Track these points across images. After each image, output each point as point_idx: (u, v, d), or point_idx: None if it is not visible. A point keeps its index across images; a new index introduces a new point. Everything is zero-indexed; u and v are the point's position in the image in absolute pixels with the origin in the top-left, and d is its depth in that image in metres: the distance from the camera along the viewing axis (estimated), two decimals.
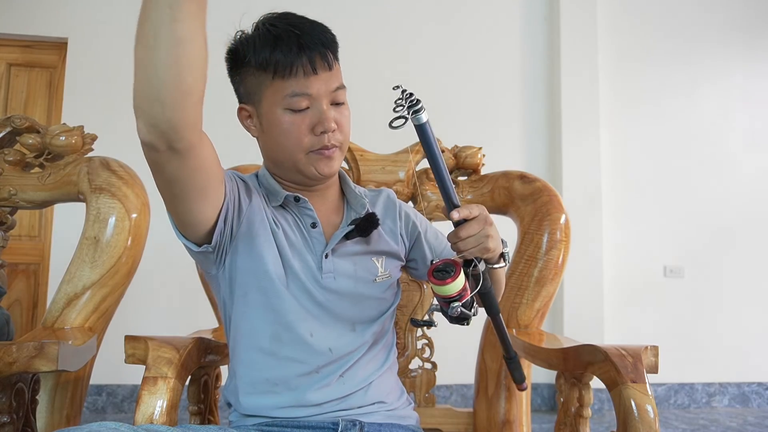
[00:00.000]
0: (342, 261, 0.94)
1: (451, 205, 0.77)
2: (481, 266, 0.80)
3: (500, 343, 0.95)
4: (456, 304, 0.75)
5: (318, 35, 0.87)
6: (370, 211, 0.97)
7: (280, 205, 0.94)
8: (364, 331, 0.94)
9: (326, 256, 0.92)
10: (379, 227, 0.97)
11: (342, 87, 0.90)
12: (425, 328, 1.30)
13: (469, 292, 0.77)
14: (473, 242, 0.77)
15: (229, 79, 0.95)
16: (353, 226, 0.93)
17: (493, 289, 0.88)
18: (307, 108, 0.87)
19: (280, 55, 0.85)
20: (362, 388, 0.92)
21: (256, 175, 0.98)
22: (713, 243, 3.54)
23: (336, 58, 0.90)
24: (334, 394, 0.90)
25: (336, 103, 0.90)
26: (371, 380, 0.94)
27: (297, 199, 0.93)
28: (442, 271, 0.75)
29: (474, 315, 0.78)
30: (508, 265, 0.87)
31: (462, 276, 0.75)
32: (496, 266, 0.86)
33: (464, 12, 3.50)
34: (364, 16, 3.34)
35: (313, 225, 0.93)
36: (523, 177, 1.26)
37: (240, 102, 0.94)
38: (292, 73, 0.85)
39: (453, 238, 0.78)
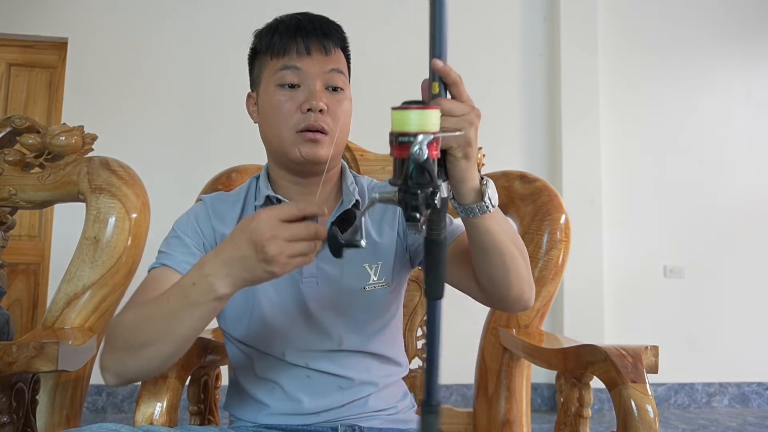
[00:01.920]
0: (328, 266, 0.89)
1: (438, 55, 0.57)
2: (444, 189, 0.59)
3: (424, 376, 0.62)
4: (421, 137, 0.52)
5: (319, 23, 0.88)
6: (361, 206, 0.92)
7: (263, 206, 0.90)
8: (355, 345, 0.90)
9: None
10: (369, 232, 0.90)
11: (339, 72, 0.88)
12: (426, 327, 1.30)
13: (437, 146, 0.55)
14: (454, 123, 0.60)
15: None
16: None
17: (487, 254, 0.74)
18: (299, 86, 0.86)
19: (277, 37, 0.87)
20: (362, 397, 0.90)
21: (257, 178, 0.97)
22: (713, 243, 3.54)
23: (339, 48, 0.90)
24: (332, 403, 0.89)
25: (332, 89, 0.88)
26: (370, 392, 0.91)
27: (278, 201, 0.90)
28: (416, 102, 0.56)
29: (446, 190, 0.58)
30: (491, 208, 0.70)
31: (438, 114, 0.55)
32: (474, 207, 0.69)
33: (464, 11, 3.50)
34: (363, 16, 3.34)
35: None
36: (523, 177, 1.26)
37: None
38: (286, 52, 0.86)
39: None
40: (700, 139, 3.60)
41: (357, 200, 0.91)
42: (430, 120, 0.54)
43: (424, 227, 0.56)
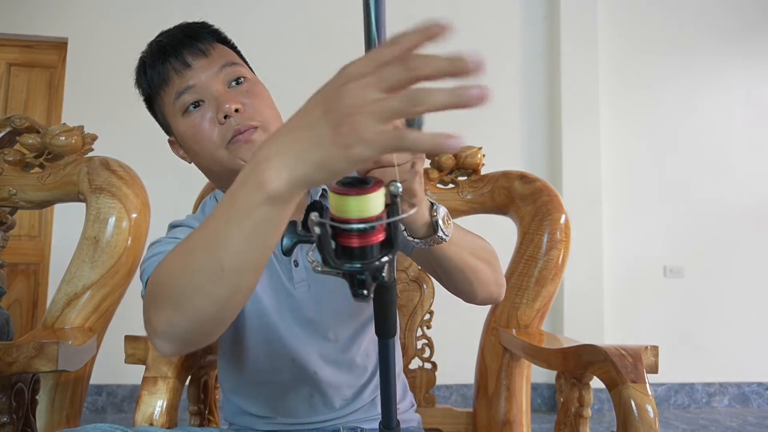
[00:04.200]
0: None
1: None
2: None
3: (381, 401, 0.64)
4: (362, 226, 0.47)
5: (180, 32, 0.82)
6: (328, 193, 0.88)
7: None
8: (352, 344, 0.89)
9: (296, 264, 0.84)
10: None
11: (231, 64, 0.81)
12: (426, 327, 1.30)
13: (383, 227, 0.48)
14: (396, 174, 0.55)
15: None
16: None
17: (448, 274, 0.72)
18: (203, 101, 0.79)
19: (150, 71, 0.81)
20: (367, 404, 0.91)
21: (216, 198, 0.90)
22: (713, 243, 3.54)
23: (215, 41, 0.83)
24: (336, 413, 0.89)
25: (236, 83, 0.80)
26: (375, 396, 0.92)
27: None
28: (357, 181, 0.48)
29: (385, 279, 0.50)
30: (447, 239, 0.65)
31: (382, 195, 0.48)
32: (428, 241, 0.64)
33: (464, 11, 3.50)
34: (354, 13, 3.34)
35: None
36: (523, 177, 1.26)
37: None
38: (167, 80, 0.80)
39: None
40: (700, 139, 3.60)
41: (324, 189, 0.86)
42: (373, 204, 0.47)
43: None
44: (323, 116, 0.43)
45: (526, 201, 1.24)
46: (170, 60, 0.79)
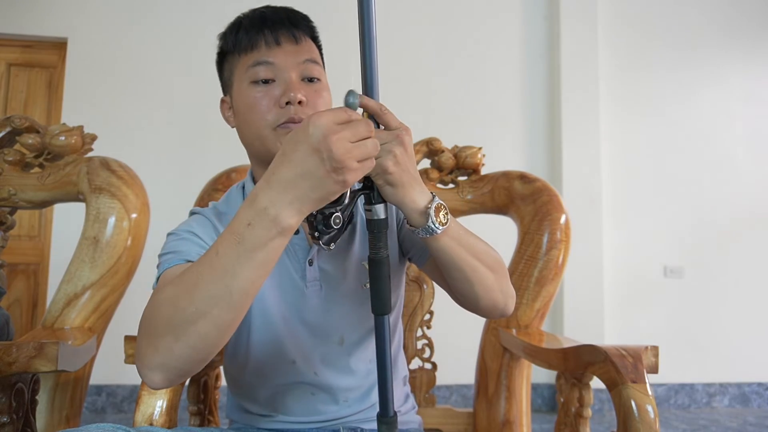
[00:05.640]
0: (330, 267, 0.86)
1: (369, 88, 0.64)
2: (382, 211, 0.67)
3: (378, 386, 0.70)
4: None
5: (285, 13, 0.85)
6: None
7: None
8: (357, 348, 0.89)
9: (310, 263, 0.85)
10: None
11: (313, 62, 0.84)
12: (426, 327, 1.30)
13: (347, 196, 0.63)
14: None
15: None
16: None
17: (447, 269, 0.75)
18: (273, 80, 0.82)
19: (243, 33, 0.84)
20: (369, 406, 0.91)
21: (243, 186, 0.92)
22: (713, 243, 3.54)
23: (308, 37, 0.86)
24: (337, 413, 0.89)
25: (308, 80, 0.83)
26: (376, 401, 0.90)
27: None
28: None
29: (338, 226, 0.64)
30: (439, 230, 0.69)
31: None
32: (419, 230, 0.70)
33: (464, 11, 3.50)
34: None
35: (296, 231, 0.88)
36: (523, 177, 1.26)
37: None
38: (255, 46, 0.83)
39: None
40: (700, 139, 3.60)
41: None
42: None
43: (332, 245, 0.66)
44: (321, 164, 0.56)
45: (526, 201, 1.24)
46: (265, 31, 0.83)
